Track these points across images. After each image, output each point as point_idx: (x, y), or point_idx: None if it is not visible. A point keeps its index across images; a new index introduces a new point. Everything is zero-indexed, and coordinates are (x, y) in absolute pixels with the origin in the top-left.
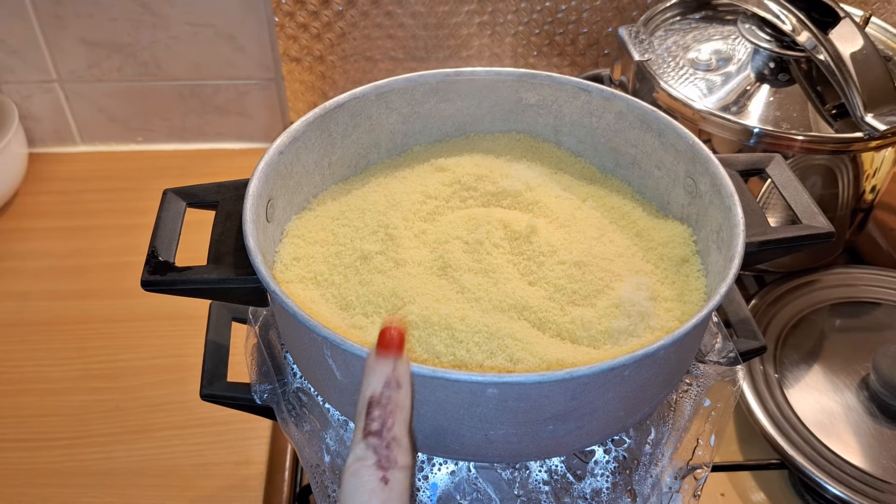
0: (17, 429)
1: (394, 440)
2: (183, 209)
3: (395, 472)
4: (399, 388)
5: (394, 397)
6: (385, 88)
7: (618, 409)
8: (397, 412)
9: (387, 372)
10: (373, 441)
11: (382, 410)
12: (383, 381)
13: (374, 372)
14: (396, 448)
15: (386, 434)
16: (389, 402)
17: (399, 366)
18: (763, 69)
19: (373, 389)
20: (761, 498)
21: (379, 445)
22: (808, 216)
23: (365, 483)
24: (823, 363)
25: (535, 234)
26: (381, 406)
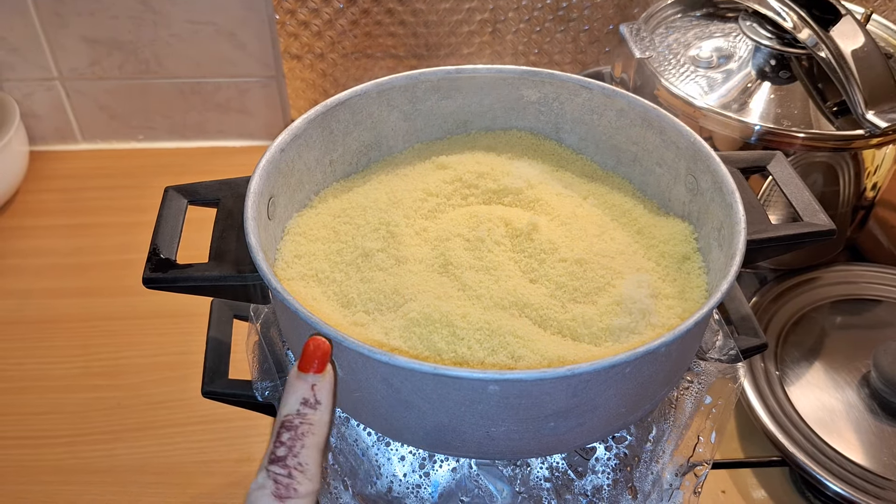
0: (18, 426)
1: (298, 467)
2: (184, 207)
3: (292, 501)
4: (316, 408)
5: (309, 417)
6: (386, 86)
7: (619, 407)
8: (308, 436)
9: (304, 390)
10: (274, 469)
11: (293, 434)
12: (300, 399)
13: (291, 390)
14: (299, 476)
15: (290, 460)
16: (303, 423)
17: (319, 383)
18: (764, 66)
19: (288, 409)
20: (762, 495)
21: (280, 474)
22: (810, 213)
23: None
24: (824, 360)
25: (536, 231)
26: (293, 429)
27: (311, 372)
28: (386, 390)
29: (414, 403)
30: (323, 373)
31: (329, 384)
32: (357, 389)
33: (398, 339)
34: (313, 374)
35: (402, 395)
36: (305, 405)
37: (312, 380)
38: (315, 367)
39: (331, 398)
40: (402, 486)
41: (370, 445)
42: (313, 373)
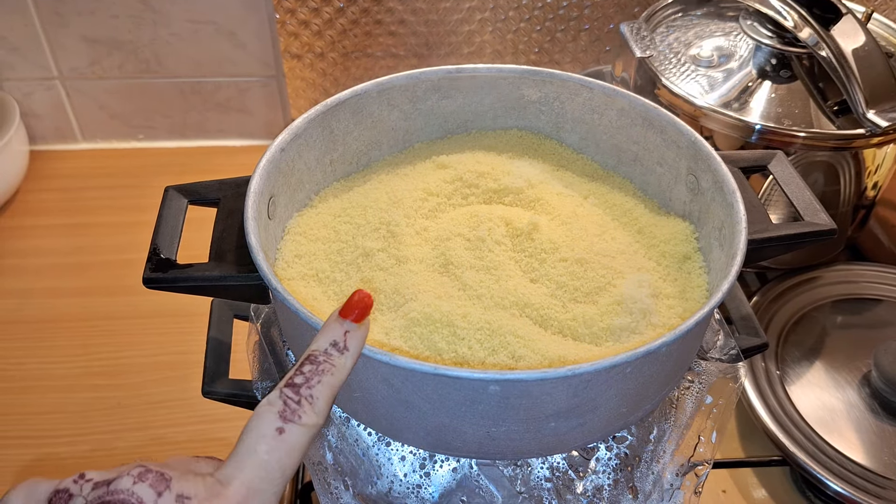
0: (19, 426)
1: (309, 398)
2: (184, 206)
3: (293, 426)
4: (343, 353)
5: (334, 359)
6: (386, 85)
7: (619, 406)
8: (327, 374)
9: (338, 333)
10: (287, 392)
11: (314, 367)
12: (331, 340)
13: (326, 330)
14: (306, 405)
15: (304, 390)
16: (326, 361)
17: (353, 332)
18: (765, 65)
19: (317, 346)
20: (763, 494)
21: (290, 397)
22: (810, 213)
23: (262, 426)
24: (825, 360)
25: (536, 231)
26: (315, 363)
27: (349, 319)
28: (386, 390)
29: (414, 403)
30: (360, 323)
31: (362, 336)
32: (358, 389)
33: (399, 339)
34: (350, 321)
35: (402, 395)
36: (334, 347)
37: (348, 326)
38: (354, 316)
39: (359, 350)
40: (402, 486)
41: (371, 445)
42: (351, 320)
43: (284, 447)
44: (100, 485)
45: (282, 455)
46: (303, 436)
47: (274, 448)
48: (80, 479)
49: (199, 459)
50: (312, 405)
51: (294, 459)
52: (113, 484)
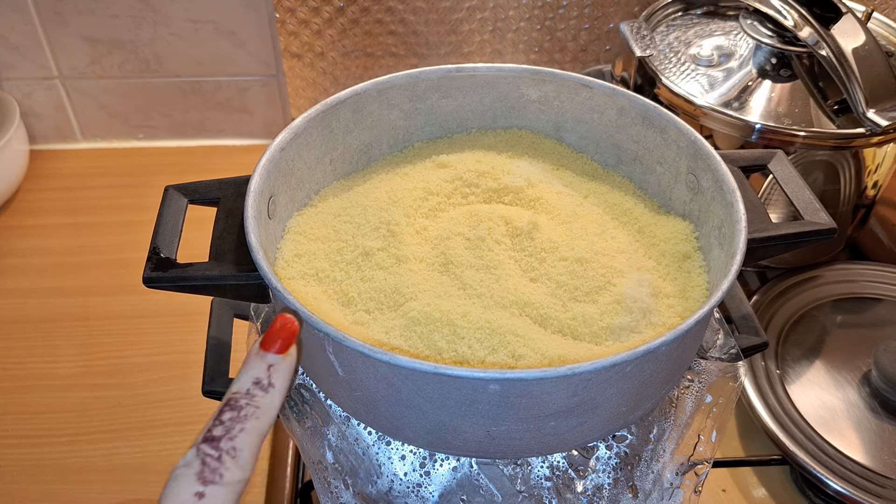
0: (19, 425)
1: (231, 451)
2: (184, 206)
3: (214, 487)
4: (268, 391)
5: (257, 400)
6: (386, 85)
7: (619, 406)
8: (250, 420)
9: (260, 369)
10: (205, 448)
11: (235, 414)
12: (253, 378)
13: (247, 367)
14: (229, 461)
15: (224, 443)
16: (249, 404)
17: (277, 365)
18: (765, 65)
19: (238, 387)
20: (762, 493)
21: (209, 455)
22: (810, 212)
23: (180, 492)
24: (825, 359)
25: (536, 230)
26: (236, 409)
27: (271, 351)
28: (386, 389)
29: (414, 403)
30: (284, 354)
31: (288, 368)
32: (358, 389)
33: (399, 339)
34: (273, 353)
35: (402, 394)
36: (257, 385)
37: (271, 360)
38: (277, 347)
39: (286, 384)
40: (402, 485)
41: (371, 444)
42: (273, 352)
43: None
44: None
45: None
46: (227, 495)
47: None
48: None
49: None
50: (236, 458)
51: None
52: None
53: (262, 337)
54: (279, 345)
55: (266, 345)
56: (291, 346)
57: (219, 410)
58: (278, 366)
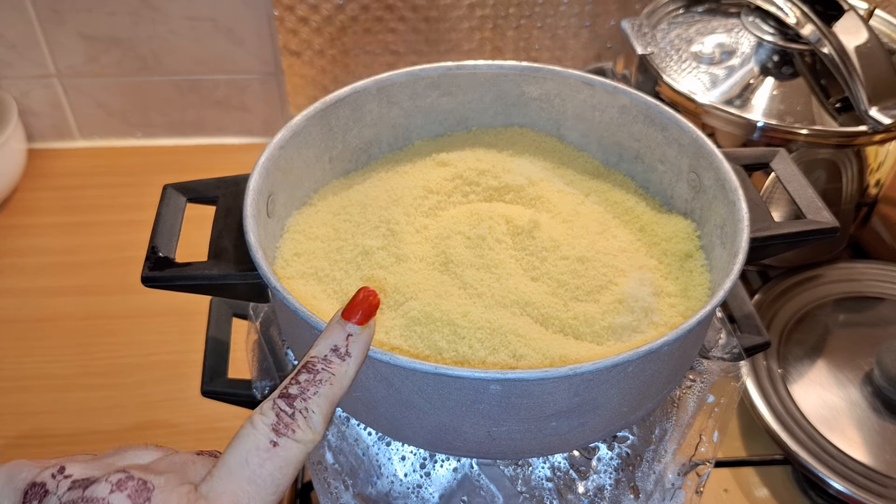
0: (18, 425)
1: (303, 412)
2: (183, 204)
3: (287, 440)
4: (344, 360)
5: (333, 366)
6: (386, 82)
7: (621, 406)
8: (325, 384)
9: (340, 337)
10: (280, 403)
11: (310, 377)
12: (331, 344)
13: (326, 334)
14: (301, 420)
15: (298, 402)
16: (325, 369)
17: (356, 335)
18: (767, 62)
19: (316, 351)
20: (765, 493)
21: (284, 411)
22: (813, 211)
23: (254, 437)
24: (827, 359)
25: (537, 229)
26: (313, 372)
27: (351, 321)
28: (386, 390)
29: (415, 403)
30: (364, 325)
31: (366, 340)
32: (358, 389)
33: (399, 338)
34: (353, 323)
35: (402, 394)
36: (335, 352)
37: (350, 329)
38: (358, 318)
39: (362, 355)
40: (402, 486)
41: (371, 445)
42: (354, 322)
43: (277, 461)
44: (77, 484)
45: (274, 469)
46: (298, 451)
47: (265, 461)
48: (59, 474)
49: (196, 460)
50: (307, 419)
51: (287, 476)
52: (89, 489)
53: (345, 307)
54: (360, 315)
55: (347, 314)
56: (372, 318)
57: (296, 370)
58: (357, 336)
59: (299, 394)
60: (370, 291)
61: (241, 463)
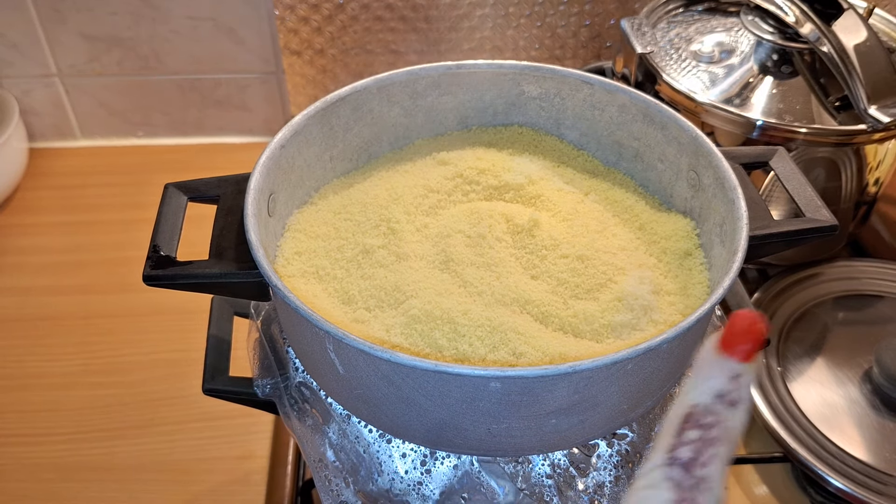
0: (19, 424)
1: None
2: (184, 204)
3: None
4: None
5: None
6: (386, 82)
7: (621, 403)
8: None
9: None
10: (675, 473)
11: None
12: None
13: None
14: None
15: (696, 470)
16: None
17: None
18: (766, 61)
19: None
20: (764, 491)
21: (683, 481)
22: (812, 209)
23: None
24: (826, 356)
25: (537, 227)
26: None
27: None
28: (387, 387)
29: (415, 400)
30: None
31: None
32: (358, 387)
33: (399, 336)
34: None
35: (403, 392)
36: (721, 400)
37: (735, 369)
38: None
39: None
40: (403, 483)
41: (371, 443)
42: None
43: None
44: None
45: None
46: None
47: None
48: None
49: None
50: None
51: None
52: None
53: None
54: (746, 350)
55: (729, 348)
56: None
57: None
58: (744, 377)
59: (695, 458)
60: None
61: None
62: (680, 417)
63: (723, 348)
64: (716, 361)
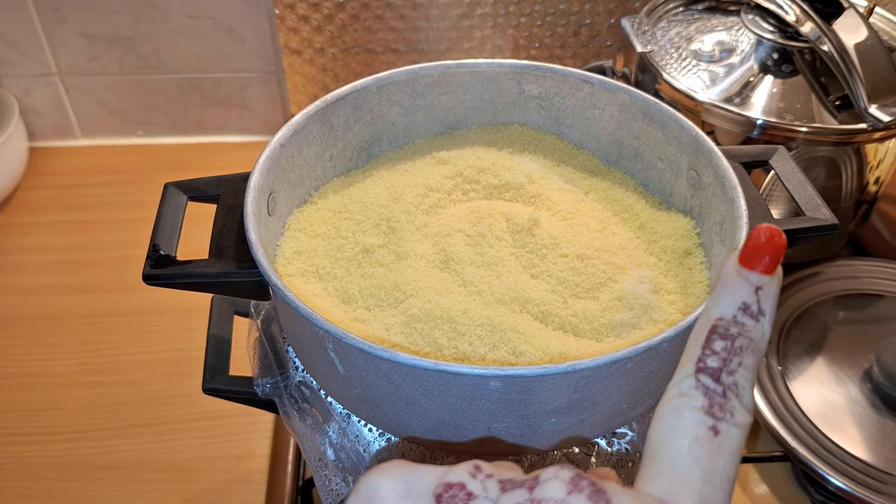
0: (20, 423)
1: (733, 387)
2: (184, 203)
3: (728, 426)
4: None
5: (748, 329)
6: (386, 80)
7: (620, 402)
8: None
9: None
10: (705, 380)
11: (728, 344)
12: (739, 303)
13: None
14: (734, 398)
15: (725, 377)
16: (740, 335)
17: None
18: (766, 60)
19: (721, 311)
20: (764, 490)
21: (713, 389)
22: (812, 208)
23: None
24: (827, 355)
25: (537, 226)
26: (728, 337)
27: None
28: (387, 387)
29: (415, 399)
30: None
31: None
32: (358, 386)
33: (399, 336)
34: (759, 273)
35: (403, 391)
36: (745, 312)
37: (757, 280)
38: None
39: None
40: None
41: (371, 441)
42: (760, 272)
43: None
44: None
45: (725, 464)
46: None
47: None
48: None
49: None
50: (740, 398)
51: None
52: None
53: (742, 251)
54: (767, 262)
55: (750, 262)
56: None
57: (705, 338)
58: (767, 289)
59: (721, 366)
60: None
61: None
62: (706, 329)
63: (744, 262)
64: (738, 275)
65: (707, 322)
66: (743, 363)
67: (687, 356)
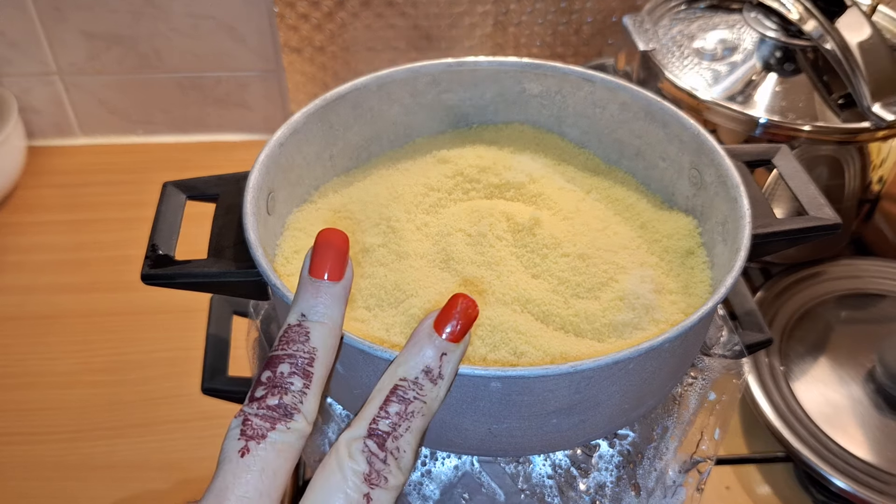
0: (19, 422)
1: (395, 452)
2: (183, 202)
3: (380, 491)
4: (437, 383)
5: (425, 392)
6: (386, 79)
7: (622, 403)
8: (417, 417)
9: (432, 356)
10: (372, 446)
11: (402, 408)
12: (423, 366)
13: (419, 349)
14: (393, 463)
15: (390, 443)
16: (417, 398)
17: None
18: (769, 58)
19: (405, 372)
20: (766, 491)
21: (377, 455)
22: (815, 207)
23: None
24: (829, 356)
25: (538, 226)
26: (404, 402)
27: (444, 336)
28: None
29: None
30: (459, 343)
31: (458, 358)
32: (358, 387)
33: (399, 336)
34: (448, 340)
35: None
36: (427, 375)
37: (444, 346)
38: (453, 333)
39: (454, 375)
40: None
41: None
42: (448, 338)
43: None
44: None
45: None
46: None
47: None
48: None
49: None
50: (399, 461)
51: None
52: None
53: (438, 315)
54: (457, 330)
55: (440, 325)
56: (467, 334)
57: (384, 397)
58: (451, 355)
59: (391, 431)
60: (469, 301)
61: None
62: (388, 388)
63: (436, 327)
64: (428, 338)
65: (392, 379)
66: (411, 427)
67: (365, 411)
